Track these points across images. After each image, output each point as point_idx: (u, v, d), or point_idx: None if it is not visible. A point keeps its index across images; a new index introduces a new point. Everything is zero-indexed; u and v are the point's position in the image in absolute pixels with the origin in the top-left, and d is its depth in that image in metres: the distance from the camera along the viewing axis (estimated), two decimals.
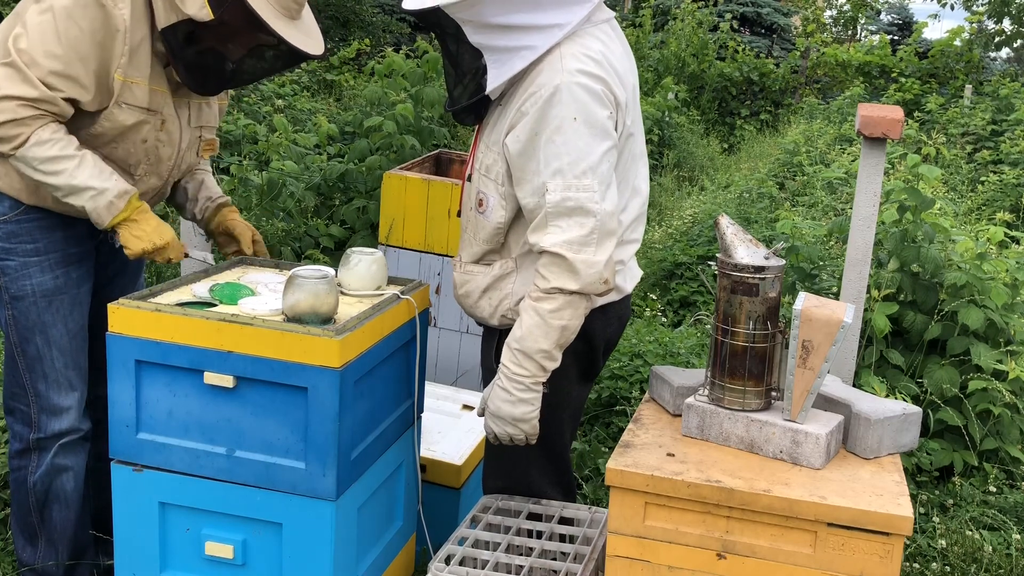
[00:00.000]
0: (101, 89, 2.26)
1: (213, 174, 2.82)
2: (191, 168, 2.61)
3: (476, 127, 2.30)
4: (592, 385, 2.56)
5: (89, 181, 2.25)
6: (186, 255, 2.44)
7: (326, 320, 2.09)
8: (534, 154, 2.08)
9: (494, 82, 2.11)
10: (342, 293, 2.29)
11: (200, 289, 2.28)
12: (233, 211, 2.68)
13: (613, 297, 2.30)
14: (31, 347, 2.40)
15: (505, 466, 2.42)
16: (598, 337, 2.33)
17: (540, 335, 2.08)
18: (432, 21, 2.12)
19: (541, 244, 2.07)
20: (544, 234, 2.07)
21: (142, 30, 2.25)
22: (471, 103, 2.17)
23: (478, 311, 2.31)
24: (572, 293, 2.07)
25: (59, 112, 2.24)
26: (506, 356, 2.14)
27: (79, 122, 2.30)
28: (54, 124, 2.24)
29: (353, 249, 2.36)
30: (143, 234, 2.32)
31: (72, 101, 2.24)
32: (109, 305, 2.13)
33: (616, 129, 2.13)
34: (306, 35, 2.33)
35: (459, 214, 2.40)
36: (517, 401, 2.13)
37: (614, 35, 2.22)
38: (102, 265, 2.57)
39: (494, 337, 2.34)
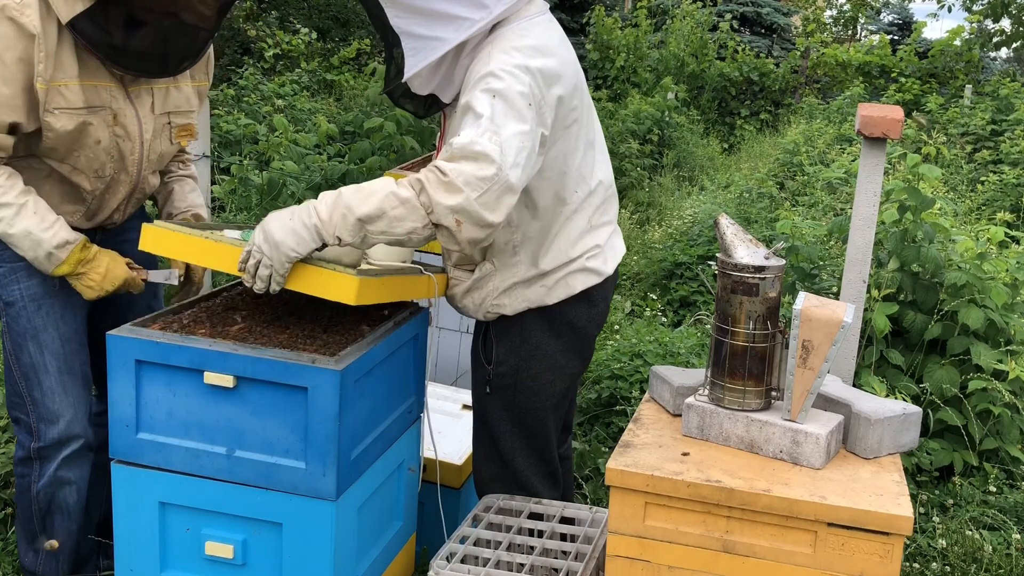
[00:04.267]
0: (33, 106, 2.17)
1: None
2: (165, 158, 2.50)
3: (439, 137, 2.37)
4: (582, 372, 2.55)
5: (26, 231, 2.22)
6: (145, 281, 2.42)
7: (351, 266, 2.05)
8: (456, 125, 2.10)
9: (411, 69, 2.17)
10: (367, 261, 2.31)
11: (232, 234, 2.21)
12: None
13: (593, 280, 2.36)
14: (24, 354, 2.36)
15: (492, 454, 2.46)
16: (584, 322, 2.40)
17: (360, 200, 1.99)
18: (364, 3, 2.20)
19: (436, 161, 2.02)
20: (443, 160, 2.01)
21: (53, 30, 2.14)
22: (396, 88, 2.25)
23: (463, 309, 2.41)
24: (424, 204, 1.98)
25: None
26: (326, 194, 2.04)
27: (31, 145, 2.24)
28: None
29: None
30: (93, 283, 2.33)
31: (11, 129, 2.17)
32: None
33: (547, 116, 2.13)
34: None
35: None
36: (290, 231, 1.99)
37: (552, 28, 2.26)
38: None
39: (483, 327, 2.43)
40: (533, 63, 2.11)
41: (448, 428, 3.03)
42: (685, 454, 2.06)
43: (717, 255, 2.16)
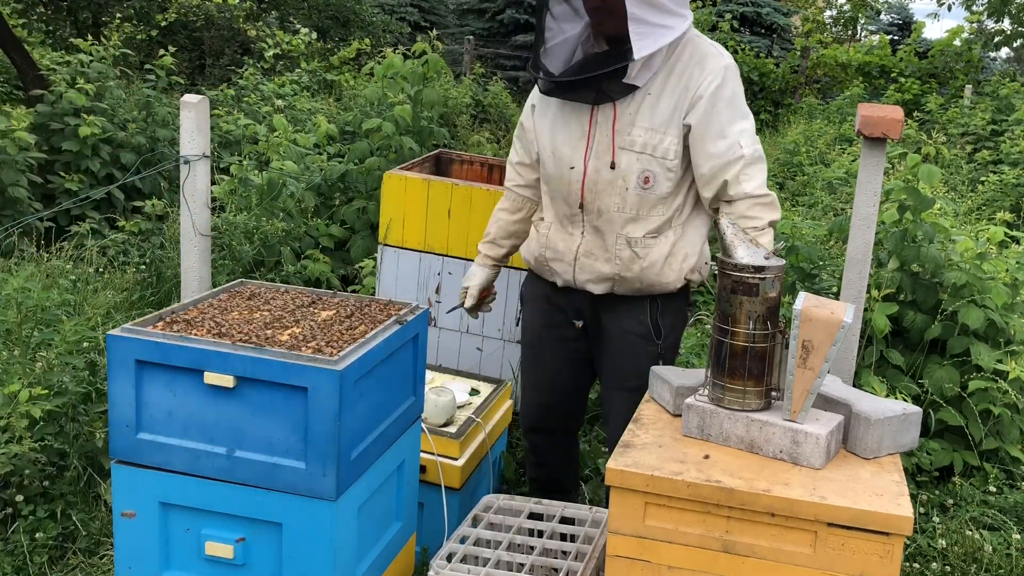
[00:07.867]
0: None
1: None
2: None
3: (589, 120, 2.56)
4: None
5: None
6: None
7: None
8: (715, 122, 2.51)
9: (641, 52, 2.39)
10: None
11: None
12: None
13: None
14: None
15: None
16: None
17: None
18: None
19: (745, 190, 2.50)
20: (740, 183, 2.50)
21: None
22: (611, 71, 2.44)
23: (663, 278, 2.62)
24: (773, 224, 2.54)
25: None
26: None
27: None
28: None
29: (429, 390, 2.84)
30: None
31: None
32: None
33: None
34: None
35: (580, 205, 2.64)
36: None
37: None
38: None
39: (647, 304, 2.66)
40: None
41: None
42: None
43: (717, 255, 2.16)
